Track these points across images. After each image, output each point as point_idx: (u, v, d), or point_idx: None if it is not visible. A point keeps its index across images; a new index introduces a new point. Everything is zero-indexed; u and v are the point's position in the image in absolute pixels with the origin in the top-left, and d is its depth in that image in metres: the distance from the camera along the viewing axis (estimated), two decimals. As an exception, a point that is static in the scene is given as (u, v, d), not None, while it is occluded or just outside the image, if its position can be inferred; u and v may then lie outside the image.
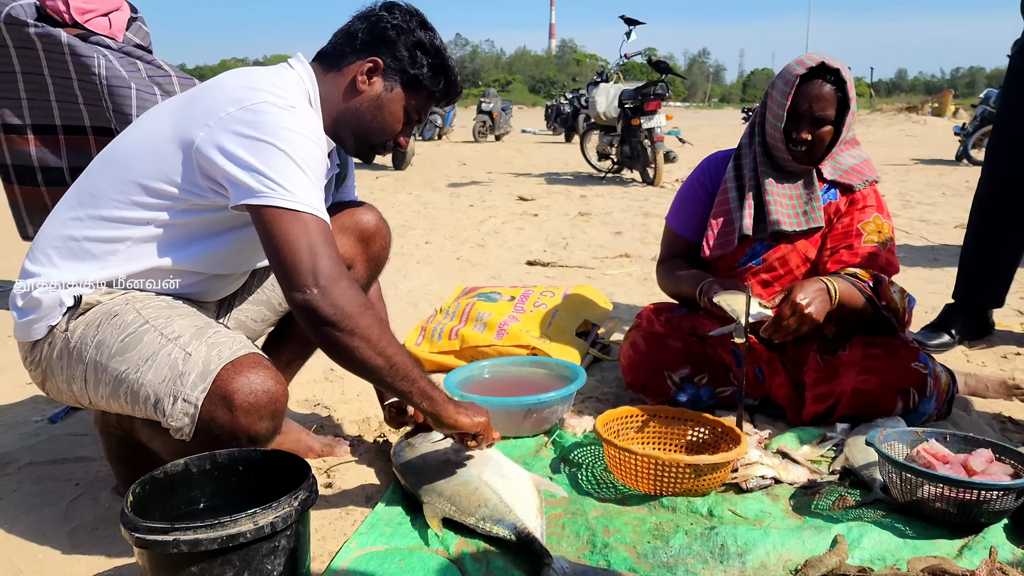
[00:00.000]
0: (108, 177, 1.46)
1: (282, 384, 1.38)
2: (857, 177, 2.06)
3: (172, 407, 1.32)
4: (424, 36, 1.54)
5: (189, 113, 1.42)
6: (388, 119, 1.57)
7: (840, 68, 1.94)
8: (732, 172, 2.12)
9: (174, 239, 1.47)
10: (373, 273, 1.86)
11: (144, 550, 1.13)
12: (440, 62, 1.56)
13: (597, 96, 8.91)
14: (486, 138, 16.94)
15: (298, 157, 1.35)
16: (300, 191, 1.34)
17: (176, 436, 1.34)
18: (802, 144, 1.98)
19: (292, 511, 1.18)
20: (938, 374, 1.99)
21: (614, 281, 3.95)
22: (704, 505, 1.60)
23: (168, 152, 1.41)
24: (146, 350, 1.36)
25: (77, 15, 2.49)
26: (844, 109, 1.96)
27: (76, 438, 2.05)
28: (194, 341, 1.37)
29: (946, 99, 21.00)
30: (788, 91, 1.95)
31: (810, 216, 2.05)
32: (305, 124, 1.40)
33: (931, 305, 3.34)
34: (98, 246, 1.44)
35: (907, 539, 1.46)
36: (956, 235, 5.19)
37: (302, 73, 1.53)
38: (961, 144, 10.52)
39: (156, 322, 1.40)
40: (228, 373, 1.33)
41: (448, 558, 1.43)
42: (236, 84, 1.43)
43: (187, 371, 1.33)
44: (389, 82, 1.55)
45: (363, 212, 1.81)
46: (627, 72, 11.51)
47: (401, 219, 6.14)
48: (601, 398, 2.32)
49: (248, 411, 1.33)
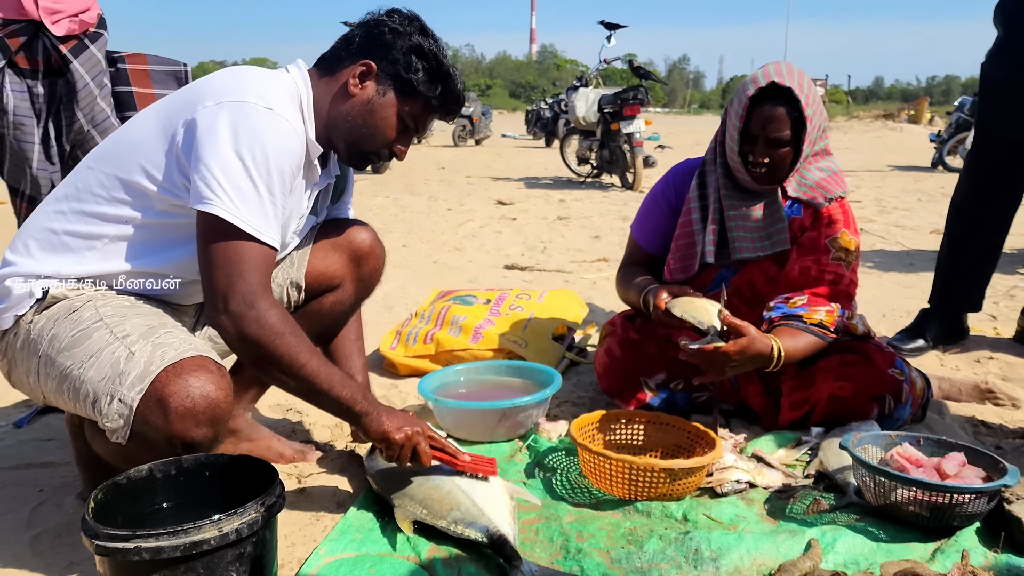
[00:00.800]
0: (94, 172, 1.44)
1: (224, 390, 1.33)
2: (821, 194, 1.98)
3: (108, 407, 1.29)
4: (422, 41, 1.51)
5: (175, 108, 1.41)
6: (380, 125, 1.53)
7: (792, 87, 1.84)
8: (696, 191, 2.06)
9: (151, 240, 1.44)
10: (363, 294, 1.84)
11: (105, 558, 1.10)
12: (438, 69, 1.52)
13: (577, 101, 8.94)
14: (466, 142, 16.93)
15: (255, 167, 1.33)
16: (245, 205, 1.32)
17: (112, 438, 1.30)
18: (761, 167, 1.92)
19: (258, 517, 1.15)
20: (914, 380, 1.98)
21: (592, 285, 3.94)
22: (679, 510, 1.59)
23: (151, 146, 1.39)
24: (92, 347, 1.33)
25: (45, 15, 2.43)
26: (801, 128, 1.87)
27: (41, 443, 2.01)
28: (141, 340, 1.34)
29: (922, 107, 21.30)
30: (742, 113, 1.89)
31: (774, 239, 1.99)
32: (279, 129, 1.37)
33: (906, 309, 3.36)
34: (76, 241, 1.43)
35: (880, 543, 1.46)
36: (931, 240, 5.25)
37: (296, 77, 1.51)
38: (936, 151, 10.65)
39: (109, 320, 1.37)
40: (167, 375, 1.29)
41: (419, 564, 1.41)
42: (222, 80, 1.42)
43: (127, 370, 1.30)
44: (382, 86, 1.51)
45: (357, 231, 1.79)
46: (608, 78, 11.57)
47: (379, 223, 6.06)
48: (577, 402, 2.30)
49: (183, 416, 1.28)
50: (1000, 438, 2.00)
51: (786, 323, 1.90)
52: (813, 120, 1.88)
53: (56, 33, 2.18)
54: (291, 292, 1.74)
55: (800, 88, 1.85)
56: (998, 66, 2.55)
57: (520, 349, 2.53)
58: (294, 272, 1.73)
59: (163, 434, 1.28)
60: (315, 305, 1.78)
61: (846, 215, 2.00)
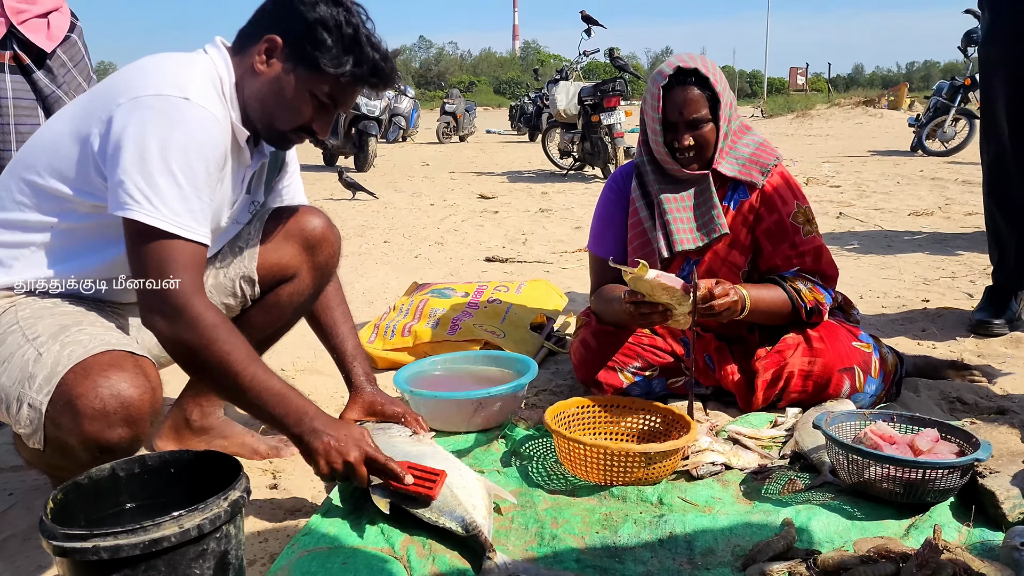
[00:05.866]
0: (15, 179, 1.40)
1: (141, 388, 1.26)
2: (758, 169, 2.01)
3: (19, 412, 1.24)
4: (327, 12, 1.40)
5: (89, 108, 1.36)
6: (290, 103, 1.44)
7: (698, 67, 1.90)
8: (638, 191, 2.08)
9: (77, 243, 1.41)
10: (320, 282, 1.76)
11: (64, 558, 1.08)
12: (347, 41, 1.40)
13: (557, 94, 8.95)
14: (450, 139, 16.89)
15: (175, 162, 1.29)
16: (166, 205, 1.28)
17: (28, 444, 1.26)
18: (688, 151, 1.95)
19: (221, 512, 1.13)
20: (884, 355, 2.00)
21: (572, 275, 3.94)
22: (654, 494, 1.58)
23: (65, 150, 1.35)
24: (5, 351, 1.30)
25: (12, 15, 2.38)
26: (716, 104, 1.92)
27: (12, 447, 1.97)
28: (50, 341, 1.29)
29: (902, 92, 21.34)
30: (656, 104, 1.93)
31: (710, 227, 2.00)
32: (198, 120, 1.32)
33: (883, 290, 3.38)
34: (3, 251, 1.39)
35: (855, 520, 1.45)
36: (909, 222, 5.27)
37: (215, 57, 1.45)
38: (916, 135, 10.68)
39: (24, 323, 1.33)
40: (75, 376, 1.24)
41: (392, 555, 1.39)
42: (137, 72, 1.37)
43: (35, 373, 1.25)
44: (288, 63, 1.42)
45: (309, 217, 1.71)
46: (591, 72, 11.56)
47: (361, 219, 6.07)
48: (555, 391, 2.30)
49: (94, 418, 1.22)
50: (976, 414, 2.01)
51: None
52: (725, 96, 1.94)
53: (34, 41, 2.15)
54: (244, 287, 1.67)
55: (706, 68, 1.92)
56: (992, 45, 2.67)
57: (498, 339, 2.52)
58: (245, 265, 1.66)
59: (76, 437, 1.23)
60: (272, 298, 1.71)
61: (790, 184, 2.04)
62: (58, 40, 2.38)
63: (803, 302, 1.92)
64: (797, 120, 19.24)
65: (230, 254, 1.67)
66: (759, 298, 1.88)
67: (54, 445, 1.25)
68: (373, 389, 1.76)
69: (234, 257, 1.67)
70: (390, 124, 12.13)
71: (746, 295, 1.85)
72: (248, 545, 1.50)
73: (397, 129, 13.33)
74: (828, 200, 6.41)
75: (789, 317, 1.96)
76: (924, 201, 6.23)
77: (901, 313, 3.04)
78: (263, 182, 1.69)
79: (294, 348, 2.49)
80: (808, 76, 43.23)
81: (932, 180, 7.61)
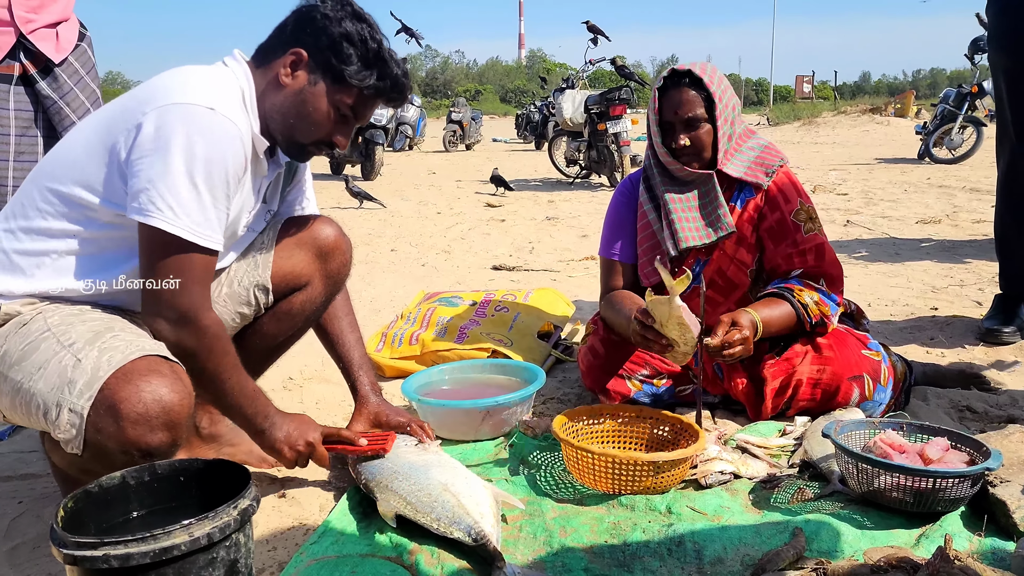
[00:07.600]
0: (38, 187, 1.42)
1: (180, 393, 1.30)
2: (763, 170, 2.02)
3: (59, 417, 1.26)
4: (353, 27, 1.45)
5: (116, 116, 1.38)
6: (313, 116, 1.48)
7: (692, 69, 1.95)
8: (646, 194, 2.11)
9: (99, 252, 1.42)
10: (332, 290, 1.79)
11: (74, 566, 1.08)
12: (371, 56, 1.47)
13: (563, 102, 8.96)
14: (457, 147, 16.90)
15: (197, 172, 1.31)
16: (186, 214, 1.31)
17: (67, 449, 1.27)
18: (685, 151, 1.97)
19: (231, 521, 1.13)
20: (893, 363, 1.99)
21: (579, 283, 3.94)
22: (663, 502, 1.58)
23: (93, 158, 1.37)
24: (40, 358, 1.31)
25: (22, 24, 2.40)
26: (711, 104, 1.95)
27: (23, 455, 1.99)
28: (87, 347, 1.30)
29: (908, 100, 21.31)
30: (654, 106, 1.99)
31: (717, 225, 2.02)
32: (222, 130, 1.35)
33: (891, 298, 3.37)
34: (25, 259, 1.40)
35: (865, 530, 1.45)
36: (917, 230, 5.26)
37: (236, 71, 1.48)
38: (923, 143, 10.64)
39: (56, 329, 1.34)
40: (116, 381, 1.26)
41: (401, 564, 1.40)
42: (162, 83, 1.40)
43: (75, 379, 1.26)
44: (313, 76, 1.47)
45: (322, 226, 1.74)
46: (597, 80, 11.59)
47: (368, 227, 6.09)
48: (563, 399, 2.29)
49: (136, 422, 1.24)
50: (986, 423, 2.00)
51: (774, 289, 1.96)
52: (722, 98, 1.96)
53: (43, 51, 2.17)
54: (258, 295, 1.69)
55: (702, 71, 1.95)
56: (998, 52, 2.69)
57: (506, 347, 2.52)
58: (260, 274, 1.68)
59: (117, 442, 1.25)
60: (284, 306, 1.74)
61: (793, 184, 2.06)
62: (67, 51, 2.40)
63: (809, 317, 1.92)
64: (803, 128, 19.22)
65: (244, 263, 1.69)
66: (769, 320, 1.87)
67: (93, 450, 1.27)
68: (378, 399, 1.79)
69: (248, 266, 1.69)
70: (396, 133, 12.17)
71: (757, 320, 1.84)
72: (257, 553, 1.51)
73: (404, 138, 13.39)
74: (835, 208, 6.40)
75: (795, 328, 1.95)
76: (932, 209, 6.21)
77: (909, 321, 3.02)
78: (278, 191, 1.72)
79: (302, 356, 2.49)
80: (814, 84, 43.27)
81: (939, 188, 7.59)
